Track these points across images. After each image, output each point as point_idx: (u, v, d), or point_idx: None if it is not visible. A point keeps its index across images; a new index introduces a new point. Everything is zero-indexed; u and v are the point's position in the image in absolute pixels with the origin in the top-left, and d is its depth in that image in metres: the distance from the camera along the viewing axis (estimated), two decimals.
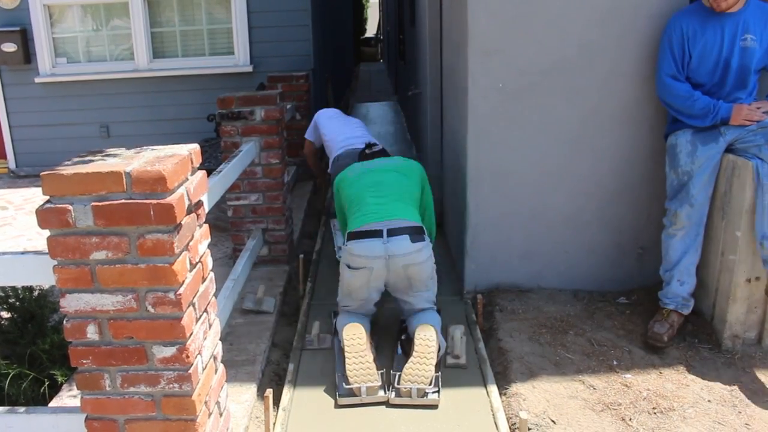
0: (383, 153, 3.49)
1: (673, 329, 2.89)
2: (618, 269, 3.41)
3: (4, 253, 1.71)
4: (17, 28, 6.26)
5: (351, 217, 2.99)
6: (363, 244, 2.77)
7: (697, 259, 2.94)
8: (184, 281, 1.62)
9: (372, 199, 2.99)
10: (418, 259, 2.78)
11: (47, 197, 1.53)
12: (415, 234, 2.82)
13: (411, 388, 2.54)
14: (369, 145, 3.54)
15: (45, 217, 1.52)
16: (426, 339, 2.62)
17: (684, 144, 2.90)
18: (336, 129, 4.65)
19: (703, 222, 2.91)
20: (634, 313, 3.16)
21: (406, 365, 2.59)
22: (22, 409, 1.85)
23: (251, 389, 2.60)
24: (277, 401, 2.63)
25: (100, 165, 1.55)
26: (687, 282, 2.93)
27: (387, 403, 2.56)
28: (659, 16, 3.08)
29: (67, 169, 1.52)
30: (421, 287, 2.88)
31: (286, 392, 2.65)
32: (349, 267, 2.83)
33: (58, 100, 6.54)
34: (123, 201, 1.51)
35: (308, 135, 5.02)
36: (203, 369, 1.76)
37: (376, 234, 2.78)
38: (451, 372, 2.76)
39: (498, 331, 3.05)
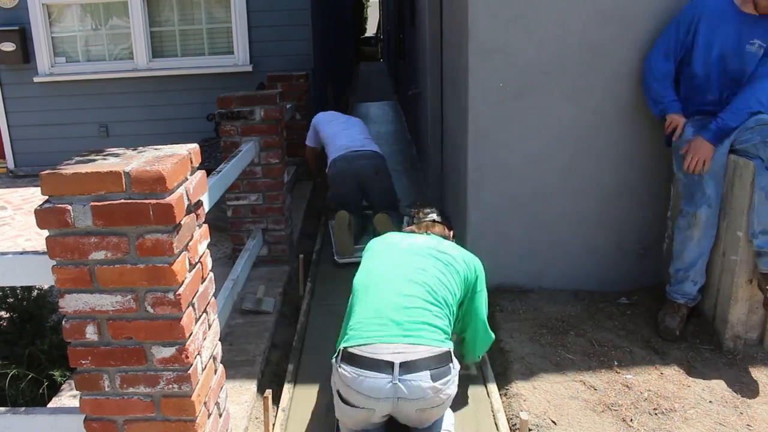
0: (436, 226, 2.63)
1: (683, 322, 2.97)
2: (619, 269, 3.40)
3: (2, 253, 1.70)
4: (16, 27, 6.24)
5: (353, 316, 2.20)
6: (363, 380, 2.00)
7: (708, 258, 2.96)
8: (183, 281, 1.61)
9: (392, 305, 2.15)
10: (437, 401, 2.05)
11: (46, 197, 1.52)
12: (439, 365, 2.04)
13: None
14: (419, 213, 2.67)
15: (44, 217, 1.51)
16: None
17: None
18: (335, 132, 4.67)
19: (716, 222, 2.90)
20: (635, 313, 3.16)
21: None
22: (21, 409, 1.84)
23: (251, 390, 2.59)
24: (276, 402, 2.62)
25: (99, 165, 1.54)
26: (700, 282, 2.97)
27: None
28: (660, 15, 3.07)
29: (66, 169, 1.51)
30: (436, 423, 2.18)
31: (286, 393, 2.64)
32: (342, 401, 2.09)
33: (57, 100, 6.53)
34: (122, 201, 1.50)
35: (309, 141, 4.99)
36: (203, 369, 1.75)
37: (382, 367, 2.00)
38: None
39: (498, 332, 3.04)
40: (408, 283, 2.20)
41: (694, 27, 2.86)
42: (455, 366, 2.12)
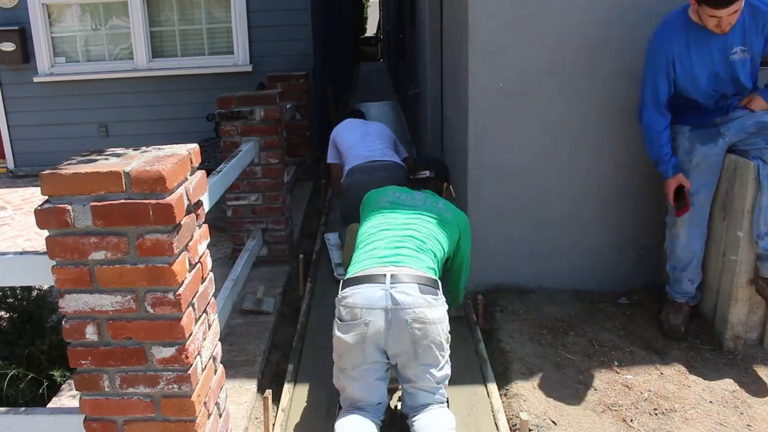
0: (429, 183, 2.86)
1: (686, 320, 2.95)
2: (619, 269, 3.40)
3: (2, 253, 1.70)
4: (16, 27, 6.24)
5: (353, 261, 2.43)
6: (358, 292, 2.18)
7: (702, 257, 2.96)
8: (183, 281, 1.61)
9: (385, 246, 2.39)
10: (428, 316, 2.14)
11: (46, 197, 1.52)
12: (426, 284, 2.21)
13: None
14: (414, 171, 2.92)
15: (44, 217, 1.51)
16: None
17: (682, 141, 2.89)
18: (353, 142, 4.30)
19: (705, 222, 2.90)
20: (635, 313, 3.15)
21: None
22: (21, 409, 1.84)
23: (251, 390, 2.59)
24: (276, 402, 2.62)
25: (99, 165, 1.54)
26: (697, 280, 2.97)
27: None
28: (659, 16, 3.06)
29: (66, 169, 1.51)
30: (430, 358, 2.17)
31: (286, 393, 2.64)
32: (340, 321, 2.22)
33: (57, 100, 6.53)
34: (122, 201, 1.50)
35: (330, 158, 4.54)
36: (202, 370, 1.75)
37: (376, 279, 2.20)
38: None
39: (499, 332, 3.04)
40: (401, 231, 2.46)
41: (672, 66, 2.75)
42: (442, 296, 2.27)
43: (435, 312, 2.17)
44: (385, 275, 2.20)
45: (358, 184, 3.93)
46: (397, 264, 2.28)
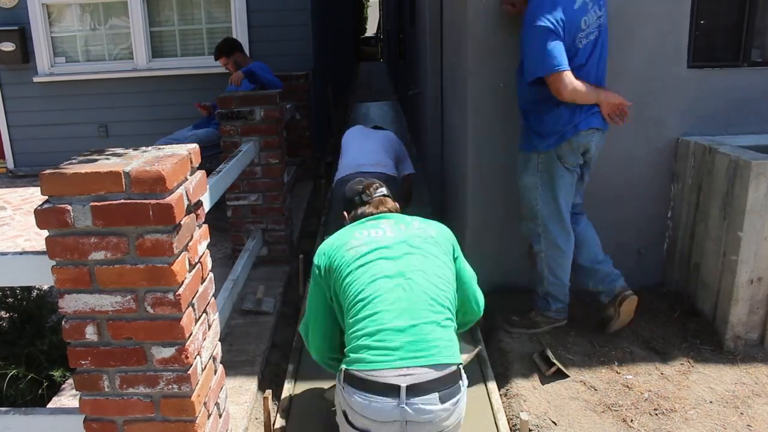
0: (388, 203, 2.29)
1: None
2: (618, 269, 3.39)
3: (2, 254, 1.70)
4: (16, 27, 6.23)
5: (354, 331, 1.96)
6: (369, 404, 1.85)
7: None
8: (183, 282, 1.61)
9: (392, 315, 1.92)
10: (450, 422, 1.89)
11: (46, 197, 1.52)
12: (448, 386, 1.87)
13: None
14: (365, 187, 2.32)
15: (44, 217, 1.51)
16: None
17: None
18: (350, 145, 4.13)
19: None
20: (635, 313, 3.15)
21: None
22: (21, 409, 1.84)
23: (251, 390, 2.59)
24: (276, 402, 2.62)
25: (99, 165, 1.53)
26: None
27: None
28: (659, 15, 3.07)
29: (66, 169, 1.50)
30: None
31: (286, 393, 2.64)
32: (347, 421, 1.96)
33: (57, 100, 6.52)
34: (122, 201, 1.50)
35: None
36: (202, 370, 1.75)
37: (388, 390, 1.84)
38: None
39: (498, 332, 3.04)
40: (401, 286, 1.97)
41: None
42: (464, 382, 1.95)
43: (456, 414, 1.89)
44: (399, 387, 1.82)
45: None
46: (413, 360, 1.87)
